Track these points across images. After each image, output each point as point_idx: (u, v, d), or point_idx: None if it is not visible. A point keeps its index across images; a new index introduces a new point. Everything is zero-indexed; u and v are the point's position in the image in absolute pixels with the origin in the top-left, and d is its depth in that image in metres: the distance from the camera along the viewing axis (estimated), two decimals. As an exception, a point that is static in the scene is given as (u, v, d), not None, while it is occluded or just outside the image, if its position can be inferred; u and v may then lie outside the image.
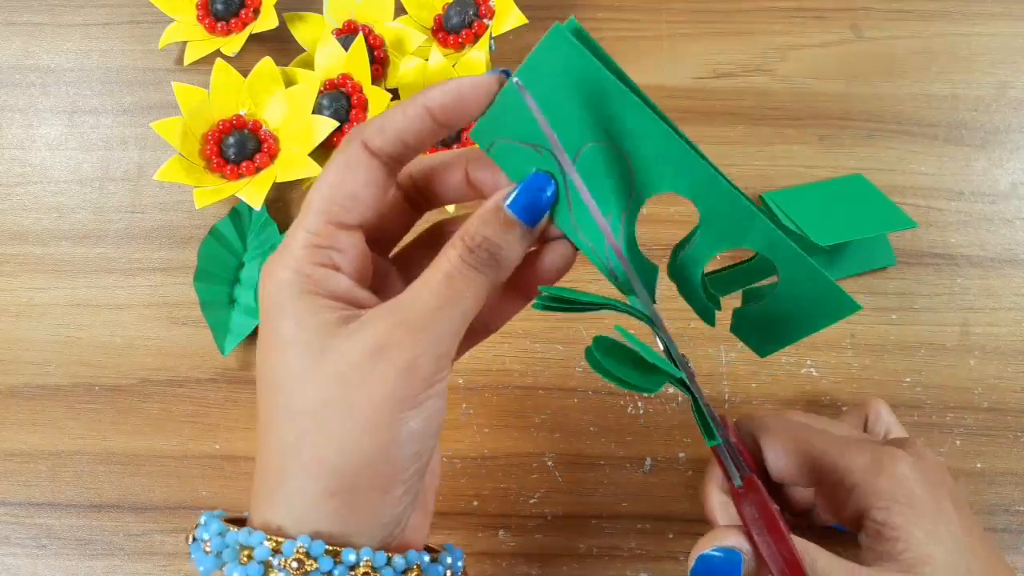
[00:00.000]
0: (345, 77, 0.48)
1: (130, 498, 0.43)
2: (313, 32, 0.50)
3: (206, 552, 0.25)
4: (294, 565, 0.24)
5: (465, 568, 0.29)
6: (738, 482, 0.29)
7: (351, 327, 0.25)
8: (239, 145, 0.46)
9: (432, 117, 0.26)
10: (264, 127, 0.47)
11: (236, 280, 0.47)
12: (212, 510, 0.27)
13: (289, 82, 0.48)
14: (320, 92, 0.48)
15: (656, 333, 0.27)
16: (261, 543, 0.24)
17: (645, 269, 0.27)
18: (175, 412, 0.44)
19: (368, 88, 0.48)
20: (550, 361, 0.45)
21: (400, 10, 0.51)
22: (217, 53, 0.49)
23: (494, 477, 0.43)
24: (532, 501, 0.43)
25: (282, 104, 0.48)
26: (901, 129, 0.49)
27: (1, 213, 0.49)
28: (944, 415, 0.44)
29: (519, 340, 0.45)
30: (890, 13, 0.52)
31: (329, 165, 0.26)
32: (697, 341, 0.45)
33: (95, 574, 0.42)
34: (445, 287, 0.25)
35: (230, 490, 0.43)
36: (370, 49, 0.48)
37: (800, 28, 0.51)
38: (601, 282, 0.45)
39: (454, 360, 0.31)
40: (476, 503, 0.42)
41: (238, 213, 0.47)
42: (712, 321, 0.28)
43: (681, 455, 0.43)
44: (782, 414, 0.35)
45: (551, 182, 0.26)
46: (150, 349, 0.46)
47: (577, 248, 0.27)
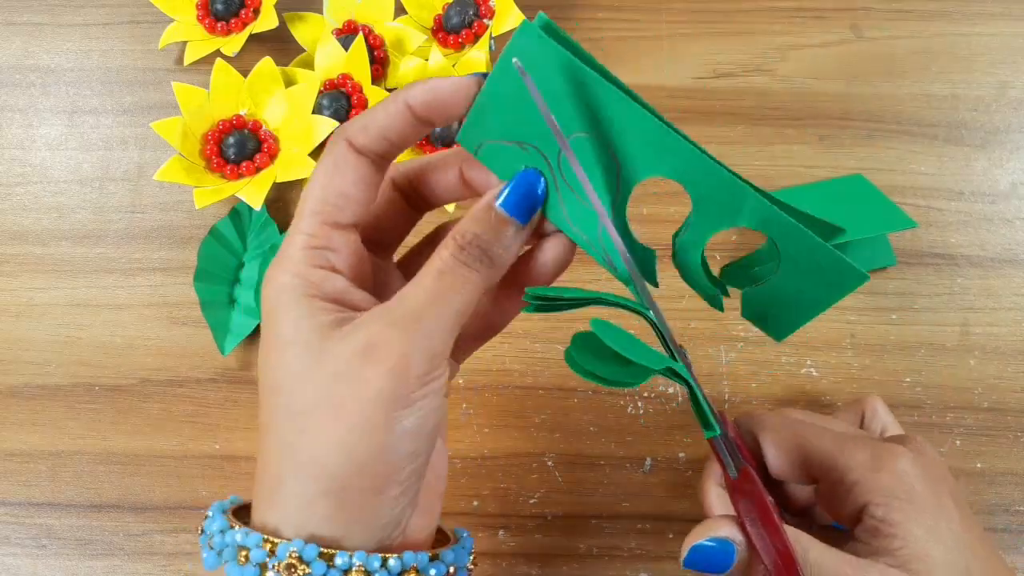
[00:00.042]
0: (345, 77, 0.48)
1: (130, 498, 0.43)
2: (313, 32, 0.50)
3: (210, 548, 0.25)
4: (285, 569, 0.24)
5: (474, 560, 0.29)
6: (733, 473, 0.29)
7: (346, 329, 0.25)
8: (239, 145, 0.46)
9: (413, 114, 0.26)
10: (264, 127, 0.47)
11: (236, 280, 0.47)
12: (224, 499, 0.27)
13: (289, 82, 0.48)
14: (320, 92, 0.48)
15: (650, 323, 0.27)
16: (257, 545, 0.24)
17: (642, 255, 0.27)
18: (175, 412, 0.44)
19: (368, 88, 0.48)
20: (550, 361, 0.45)
21: (400, 10, 0.51)
22: (217, 53, 0.49)
23: (494, 477, 0.43)
24: (532, 501, 0.43)
25: (282, 104, 0.48)
26: (901, 129, 0.49)
27: (1, 213, 0.49)
28: (944, 415, 0.44)
29: (519, 340, 0.45)
30: (890, 13, 0.52)
31: (318, 167, 0.27)
32: (697, 341, 0.45)
33: (95, 574, 0.42)
34: (436, 284, 0.25)
35: (230, 490, 0.43)
36: (370, 49, 0.48)
37: (800, 28, 0.51)
38: (601, 281, 0.45)
39: (460, 361, 0.31)
40: (476, 503, 0.42)
41: (238, 213, 0.47)
42: (720, 307, 0.28)
43: (681, 455, 0.43)
44: (781, 412, 0.35)
45: (541, 178, 0.26)
46: (150, 349, 0.46)
47: (574, 242, 0.27)
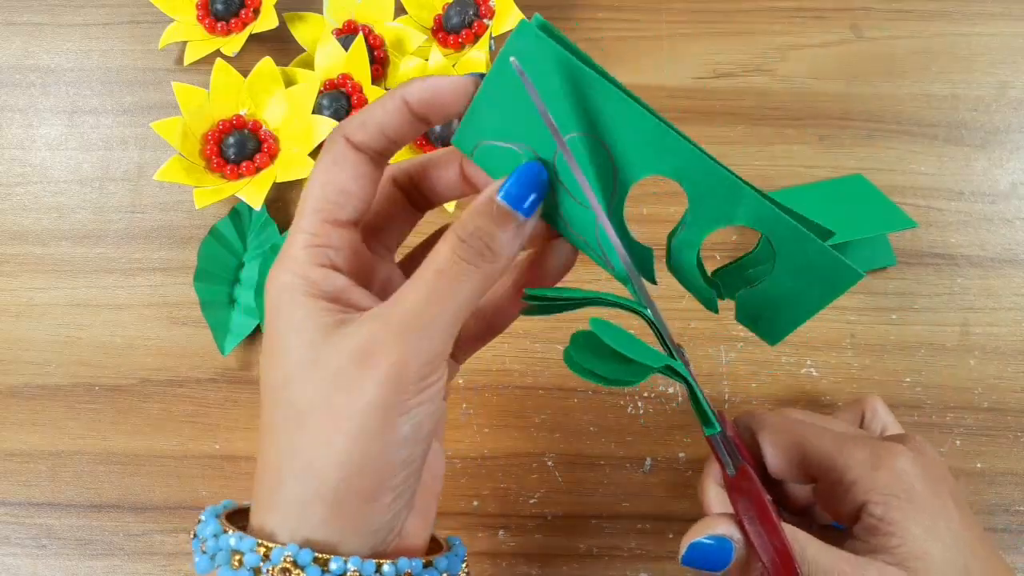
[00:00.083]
0: (345, 77, 0.48)
1: (130, 498, 0.43)
2: (313, 32, 0.50)
3: (203, 552, 0.25)
4: (280, 573, 0.23)
5: (466, 567, 0.28)
6: (732, 471, 0.29)
7: (345, 330, 0.24)
8: (239, 145, 0.46)
9: (411, 111, 0.26)
10: (264, 127, 0.47)
11: (236, 280, 0.47)
12: (216, 503, 0.27)
13: (289, 82, 0.48)
14: (320, 92, 0.48)
15: (648, 322, 0.27)
16: (251, 549, 0.24)
17: (640, 254, 0.27)
18: (175, 412, 0.44)
19: (368, 88, 0.48)
20: (550, 361, 0.45)
21: (400, 10, 0.51)
22: (217, 53, 0.49)
23: (494, 477, 0.43)
24: (532, 501, 0.42)
25: (282, 104, 0.48)
26: (901, 129, 0.49)
27: (1, 213, 0.49)
28: (944, 415, 0.44)
29: (519, 340, 0.45)
30: (890, 13, 0.52)
31: (317, 165, 0.26)
32: (697, 341, 0.45)
33: (95, 574, 0.42)
34: (434, 284, 0.24)
35: (230, 490, 0.43)
36: (370, 49, 0.48)
37: (800, 28, 0.51)
38: (600, 281, 0.45)
39: (460, 362, 0.30)
40: (476, 503, 0.42)
41: (238, 213, 0.47)
42: (715, 308, 0.28)
43: (681, 455, 0.43)
44: (780, 411, 0.35)
45: (543, 170, 0.26)
46: (150, 349, 0.46)
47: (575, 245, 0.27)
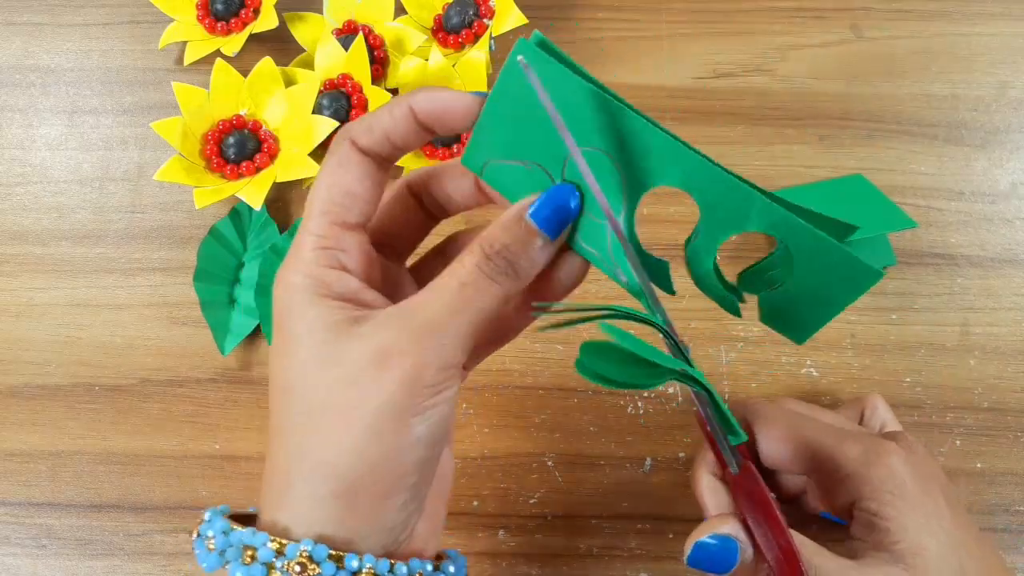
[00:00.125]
0: (345, 77, 0.48)
1: (130, 498, 0.43)
2: (313, 32, 0.50)
3: (210, 549, 0.25)
4: (296, 569, 0.24)
5: None
6: (735, 469, 0.29)
7: (359, 329, 0.25)
8: (239, 145, 0.46)
9: (417, 120, 0.26)
10: (264, 127, 0.47)
11: (236, 280, 0.47)
12: (215, 506, 0.27)
13: (289, 82, 0.48)
14: (320, 92, 0.48)
15: (662, 332, 0.26)
16: (265, 544, 0.24)
17: (654, 266, 0.27)
18: (175, 412, 0.44)
19: (368, 88, 0.48)
20: (550, 361, 0.45)
21: (400, 10, 0.51)
22: (217, 53, 0.49)
23: (494, 477, 0.43)
24: (532, 501, 0.42)
25: (282, 104, 0.48)
26: (901, 129, 0.49)
27: (1, 213, 0.49)
28: (944, 415, 0.44)
29: (519, 340, 0.44)
30: (890, 13, 0.52)
31: (323, 168, 0.27)
32: (697, 341, 0.45)
33: (95, 574, 0.42)
34: (457, 295, 0.25)
35: (230, 490, 0.43)
36: (370, 49, 0.48)
37: (800, 28, 0.51)
38: (600, 281, 0.45)
39: (469, 369, 0.30)
40: (476, 503, 0.42)
41: (238, 213, 0.47)
42: (737, 312, 0.28)
43: (681, 455, 0.43)
44: (776, 401, 0.35)
45: (576, 194, 0.26)
46: (150, 349, 0.46)
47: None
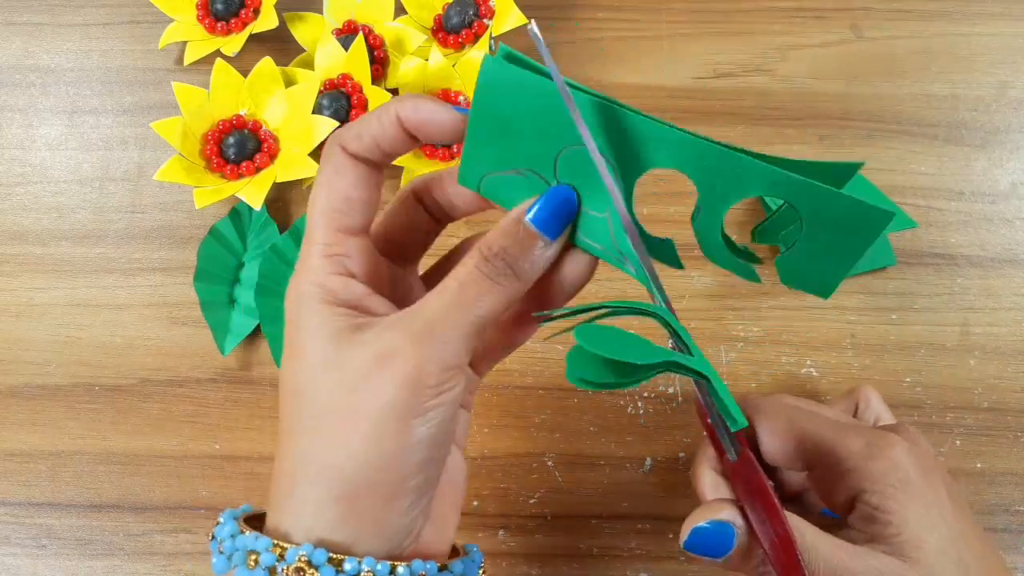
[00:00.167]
0: (345, 77, 0.48)
1: (130, 498, 0.43)
2: (313, 32, 0.50)
3: (220, 552, 0.25)
4: (294, 573, 0.24)
5: (483, 574, 0.29)
6: (733, 456, 0.29)
7: (363, 335, 0.25)
8: (239, 145, 0.46)
9: (403, 128, 0.26)
10: (264, 127, 0.47)
11: (236, 280, 0.47)
12: (225, 508, 0.27)
13: (289, 82, 0.48)
14: (320, 92, 0.48)
15: (664, 323, 0.26)
16: (267, 549, 0.24)
17: (659, 246, 0.27)
18: (175, 412, 0.44)
19: (368, 88, 0.47)
20: (550, 361, 0.45)
21: (400, 10, 0.51)
22: (217, 53, 0.49)
23: (494, 477, 0.43)
24: (532, 501, 0.42)
25: (282, 104, 0.48)
26: (901, 129, 0.49)
27: (1, 213, 0.49)
28: (944, 415, 0.44)
29: (519, 340, 0.45)
30: (890, 13, 0.52)
31: (319, 177, 0.27)
32: (698, 341, 0.44)
33: (95, 574, 0.42)
34: (457, 295, 0.25)
35: (230, 490, 0.43)
36: (370, 49, 0.48)
37: (800, 28, 0.51)
38: (600, 282, 0.45)
39: (482, 374, 0.30)
40: (476, 503, 0.42)
41: (238, 213, 0.47)
42: (756, 278, 0.27)
43: (681, 455, 0.43)
44: (776, 397, 0.35)
45: (574, 194, 0.26)
46: (150, 349, 0.46)
47: (594, 256, 0.27)
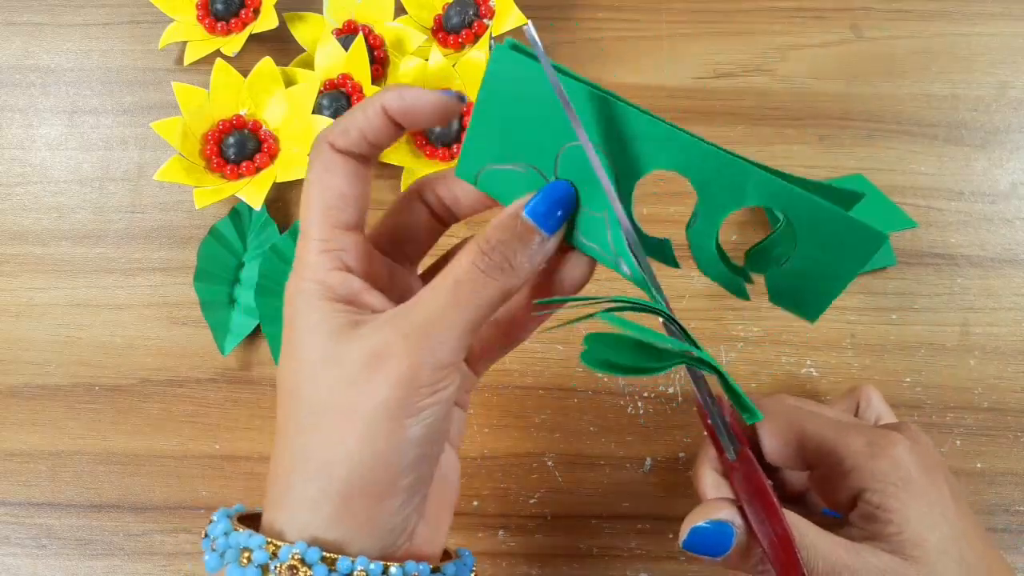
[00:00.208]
0: (345, 77, 0.48)
1: (130, 498, 0.43)
2: (313, 32, 0.50)
3: (213, 550, 0.25)
4: (287, 571, 0.24)
5: None
6: (732, 456, 0.29)
7: (359, 331, 0.25)
8: (239, 145, 0.46)
9: (389, 118, 0.26)
10: (264, 127, 0.47)
11: (236, 280, 0.47)
12: (228, 506, 0.27)
13: (289, 82, 0.48)
14: (320, 92, 0.48)
15: (667, 318, 0.26)
16: (260, 546, 0.24)
17: (656, 246, 0.27)
18: (175, 412, 0.44)
19: (368, 88, 0.47)
20: (550, 361, 0.45)
21: (400, 10, 0.51)
22: (217, 53, 0.49)
23: (494, 477, 0.43)
24: (532, 501, 0.42)
25: (282, 104, 0.48)
26: (901, 129, 0.49)
27: (1, 213, 0.49)
28: (944, 415, 0.44)
29: (519, 340, 0.45)
30: (890, 13, 0.52)
31: (309, 175, 0.27)
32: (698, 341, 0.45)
33: (95, 574, 0.42)
34: (452, 293, 0.25)
35: (230, 490, 0.43)
36: (370, 49, 0.48)
37: (800, 28, 0.51)
38: (599, 282, 0.45)
39: (479, 373, 0.30)
40: (476, 503, 0.42)
41: (238, 213, 0.47)
42: (745, 295, 0.27)
43: (681, 455, 0.43)
44: (776, 397, 0.35)
45: (571, 189, 0.26)
46: (150, 349, 0.46)
47: (592, 258, 0.27)
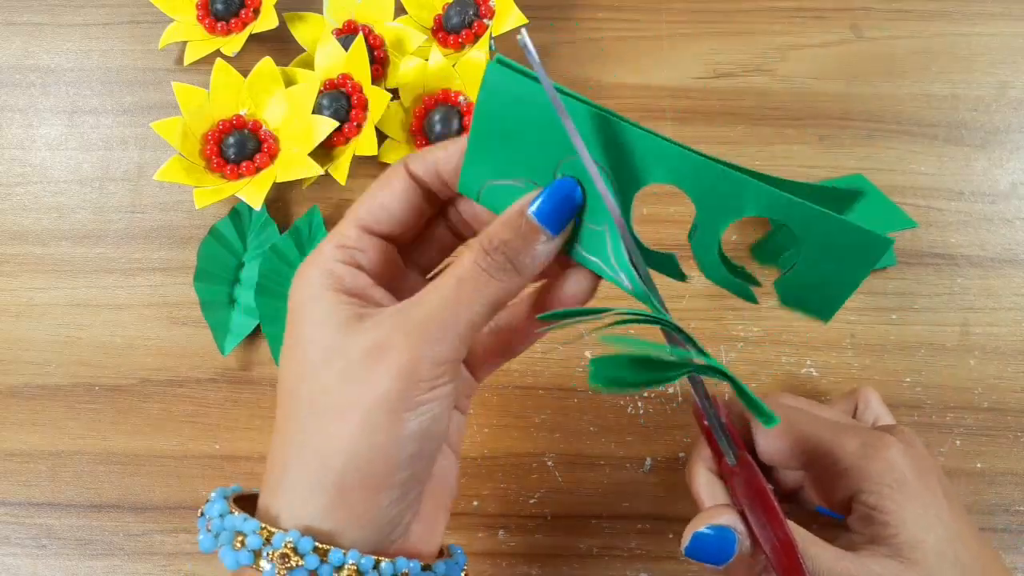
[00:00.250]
0: (345, 77, 0.48)
1: (130, 498, 0.43)
2: (313, 32, 0.50)
3: (208, 530, 0.25)
4: (279, 559, 0.24)
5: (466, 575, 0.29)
6: (732, 460, 0.29)
7: (362, 325, 0.25)
8: (239, 145, 0.46)
9: None
10: (264, 127, 0.47)
11: (236, 280, 0.47)
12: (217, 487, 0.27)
13: (289, 82, 0.48)
14: (320, 92, 0.48)
15: (674, 330, 0.26)
16: (254, 531, 0.24)
17: (660, 259, 0.27)
18: (175, 412, 0.44)
19: (368, 88, 0.47)
20: (550, 361, 0.45)
21: (400, 10, 0.51)
22: (217, 53, 0.49)
23: (494, 477, 0.43)
24: (532, 501, 0.42)
25: (282, 104, 0.48)
26: (901, 129, 0.49)
27: (1, 213, 0.49)
28: (944, 415, 0.44)
29: (519, 340, 0.45)
30: (890, 13, 0.52)
31: (374, 182, 0.28)
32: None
33: (95, 574, 0.42)
34: (454, 291, 0.25)
35: (230, 490, 0.43)
36: (370, 49, 0.48)
37: (800, 28, 0.51)
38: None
39: (480, 379, 0.31)
40: (476, 503, 0.42)
41: (238, 213, 0.47)
42: (753, 299, 0.27)
43: (681, 455, 0.43)
44: (772, 397, 0.35)
45: (578, 189, 0.26)
46: (150, 349, 0.46)
47: (596, 274, 0.27)
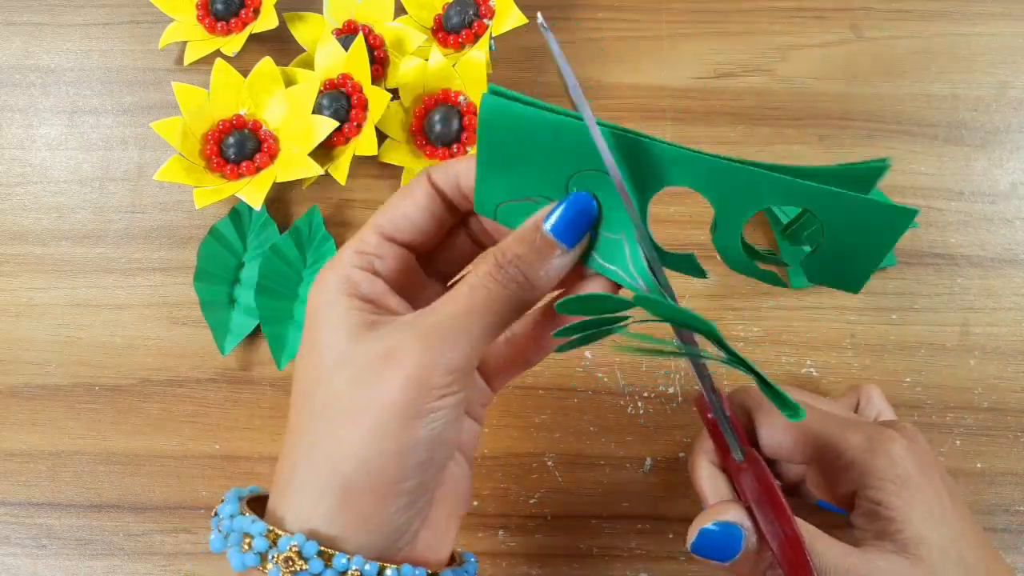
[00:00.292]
0: (345, 77, 0.48)
1: (130, 498, 0.43)
2: (313, 32, 0.50)
3: (219, 531, 0.26)
4: (284, 562, 0.24)
5: None
6: (739, 456, 0.29)
7: (375, 332, 0.25)
8: (239, 145, 0.46)
9: None
10: (264, 127, 0.47)
11: (236, 280, 0.47)
12: (217, 503, 0.27)
13: (289, 82, 0.48)
14: (320, 92, 0.48)
15: (690, 328, 0.26)
16: (261, 534, 0.24)
17: (679, 260, 0.27)
18: (175, 412, 0.44)
19: (368, 88, 0.47)
20: (550, 361, 0.45)
21: (400, 10, 0.51)
22: (217, 53, 0.49)
23: (494, 477, 0.43)
24: (532, 501, 0.42)
25: (282, 104, 0.48)
26: (901, 129, 0.49)
27: (1, 213, 0.49)
28: (944, 415, 0.44)
29: (519, 340, 0.45)
30: (890, 13, 0.52)
31: (395, 193, 0.28)
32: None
33: (95, 574, 0.42)
34: (466, 300, 0.25)
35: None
36: (370, 49, 0.48)
37: (800, 28, 0.51)
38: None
39: (495, 389, 0.31)
40: (476, 503, 0.42)
41: (238, 213, 0.47)
42: (781, 283, 0.28)
43: (681, 455, 0.43)
44: None
45: (594, 202, 0.26)
46: (150, 349, 0.46)
47: (613, 283, 0.27)
